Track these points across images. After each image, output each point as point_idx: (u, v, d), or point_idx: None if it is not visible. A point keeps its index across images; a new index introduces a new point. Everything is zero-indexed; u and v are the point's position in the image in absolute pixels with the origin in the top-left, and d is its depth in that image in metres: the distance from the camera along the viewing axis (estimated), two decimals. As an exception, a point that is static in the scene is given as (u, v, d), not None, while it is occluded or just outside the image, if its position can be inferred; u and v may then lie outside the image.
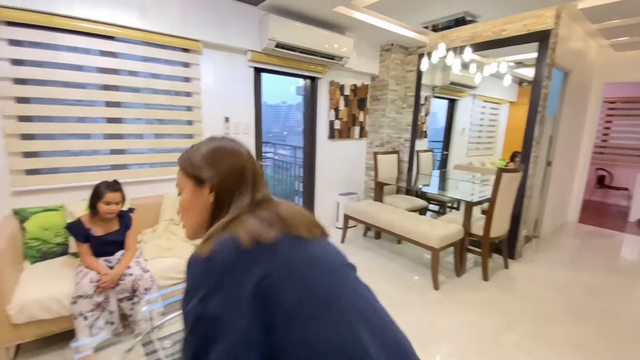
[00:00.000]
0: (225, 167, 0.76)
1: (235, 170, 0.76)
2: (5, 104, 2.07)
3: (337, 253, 0.75)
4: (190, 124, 2.88)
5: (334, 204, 4.18)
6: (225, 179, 0.75)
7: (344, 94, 3.96)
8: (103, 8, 2.23)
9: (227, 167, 0.76)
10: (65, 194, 2.32)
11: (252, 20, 2.94)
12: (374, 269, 3.07)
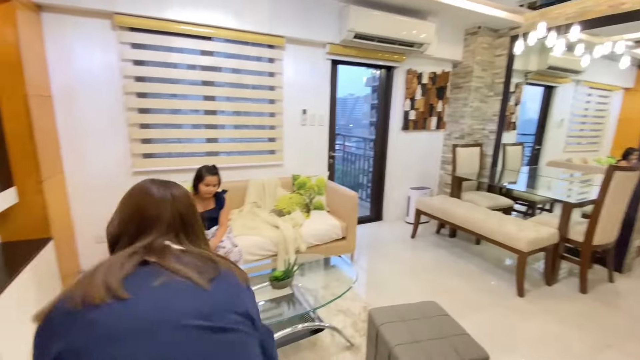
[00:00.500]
0: (124, 208, 0.70)
1: (129, 212, 0.69)
2: (129, 98, 2.51)
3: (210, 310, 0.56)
4: (273, 116, 3.10)
5: (404, 197, 4.08)
6: (120, 221, 0.69)
7: (421, 83, 3.80)
8: (204, 12, 2.53)
9: (125, 207, 0.70)
10: (172, 176, 2.73)
11: (332, 13, 3.01)
12: (446, 266, 2.94)
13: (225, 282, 0.63)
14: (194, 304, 0.55)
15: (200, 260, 0.65)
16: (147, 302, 0.53)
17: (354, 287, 2.18)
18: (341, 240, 2.76)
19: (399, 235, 3.66)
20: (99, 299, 0.50)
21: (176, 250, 0.66)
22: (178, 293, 0.56)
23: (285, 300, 1.86)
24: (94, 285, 0.52)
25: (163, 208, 0.70)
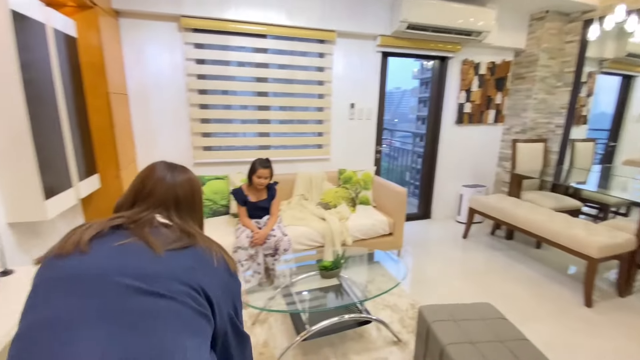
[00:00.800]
0: (132, 181, 0.79)
1: (133, 185, 0.78)
2: (191, 95, 2.71)
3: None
4: (321, 110, 3.14)
5: (455, 195, 3.89)
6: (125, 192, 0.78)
7: (478, 74, 3.57)
8: (260, 10, 2.63)
9: (133, 181, 0.79)
10: (228, 167, 2.90)
11: (384, 4, 2.94)
12: (502, 269, 2.76)
13: (191, 256, 0.65)
14: (136, 265, 0.59)
15: (175, 234, 0.69)
16: (99, 258, 0.59)
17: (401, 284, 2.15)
18: (388, 236, 2.73)
19: (449, 234, 3.51)
20: (66, 251, 0.60)
21: (157, 223, 0.70)
22: (128, 254, 0.61)
23: (332, 290, 1.90)
24: (69, 241, 0.62)
25: (160, 186, 0.76)
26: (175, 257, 0.63)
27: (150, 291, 0.56)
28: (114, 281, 0.56)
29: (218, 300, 0.64)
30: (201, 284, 0.62)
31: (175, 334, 0.55)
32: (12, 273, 1.39)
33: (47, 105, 1.60)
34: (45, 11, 1.61)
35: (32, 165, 1.46)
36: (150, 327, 0.53)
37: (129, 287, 0.55)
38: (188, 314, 0.57)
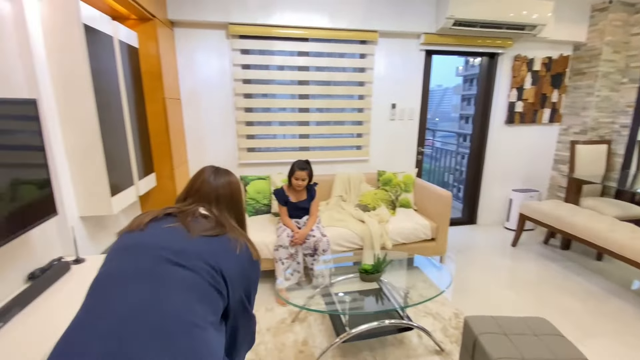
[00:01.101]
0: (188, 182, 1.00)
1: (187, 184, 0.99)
2: (238, 98, 2.83)
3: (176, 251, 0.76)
4: (361, 111, 3.12)
5: (504, 200, 3.66)
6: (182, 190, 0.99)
7: (532, 70, 3.33)
8: (303, 14, 2.68)
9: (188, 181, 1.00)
10: (270, 168, 2.99)
11: (428, 2, 2.86)
12: (556, 282, 2.54)
13: (218, 242, 0.81)
14: (172, 243, 0.77)
15: (211, 224, 0.85)
16: (151, 235, 0.80)
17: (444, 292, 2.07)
18: (430, 241, 2.64)
19: (496, 241, 3.32)
20: (131, 229, 0.82)
21: (199, 214, 0.87)
22: (170, 234, 0.79)
23: (372, 293, 1.88)
24: (135, 222, 0.84)
25: (205, 186, 0.95)
26: (205, 241, 0.80)
27: (175, 262, 0.73)
28: (155, 251, 0.75)
29: (233, 281, 0.78)
30: (220, 266, 0.76)
31: (186, 296, 0.70)
32: (83, 261, 1.56)
33: (113, 110, 1.76)
34: (112, 24, 1.78)
35: (101, 166, 1.62)
36: (170, 287, 0.70)
37: (162, 257, 0.74)
38: (203, 285, 0.73)
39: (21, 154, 1.22)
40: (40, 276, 1.33)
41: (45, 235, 1.48)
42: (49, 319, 1.14)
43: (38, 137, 1.30)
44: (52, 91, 1.50)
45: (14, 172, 1.18)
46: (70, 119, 1.55)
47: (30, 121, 1.26)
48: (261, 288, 2.43)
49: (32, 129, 1.27)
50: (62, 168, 1.56)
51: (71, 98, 1.52)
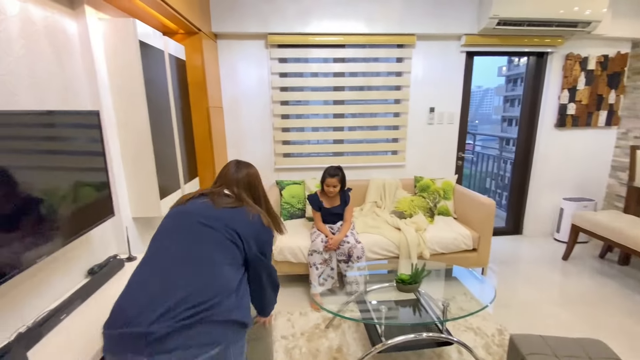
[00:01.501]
0: None
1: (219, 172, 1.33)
2: (275, 106, 2.90)
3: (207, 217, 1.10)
4: (397, 116, 3.07)
5: (554, 209, 3.39)
6: None
7: (585, 69, 3.08)
8: (339, 21, 2.70)
9: None
10: (305, 173, 3.04)
11: (469, 2, 2.76)
12: (614, 300, 2.30)
13: (236, 212, 1.14)
14: (204, 212, 1.10)
15: (231, 200, 1.18)
16: (190, 207, 1.14)
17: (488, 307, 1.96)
18: (471, 251, 2.51)
19: (544, 254, 3.08)
20: (177, 204, 1.18)
21: (223, 193, 1.20)
22: (203, 206, 1.13)
23: (409, 304, 1.83)
24: (179, 201, 1.20)
25: (229, 175, 1.27)
26: (227, 211, 1.13)
27: (205, 224, 1.07)
28: (192, 217, 1.09)
29: (248, 239, 1.10)
30: (236, 227, 1.09)
31: (210, 246, 1.03)
32: (135, 259, 1.67)
33: (164, 119, 1.89)
34: (163, 39, 1.91)
35: (152, 170, 1.74)
36: (201, 240, 1.04)
37: (196, 221, 1.08)
38: (222, 239, 1.06)
39: (86, 159, 1.35)
40: (98, 272, 1.45)
41: (103, 235, 1.62)
42: (105, 311, 1.24)
43: (100, 144, 1.43)
44: (111, 102, 1.65)
45: (80, 175, 1.31)
46: (126, 128, 1.68)
47: (93, 130, 1.39)
48: (295, 292, 2.46)
49: (95, 137, 1.40)
50: (118, 172, 1.69)
51: (128, 108, 1.66)
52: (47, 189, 1.14)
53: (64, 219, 1.22)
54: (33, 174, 1.08)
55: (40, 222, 1.10)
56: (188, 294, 0.91)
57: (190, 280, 0.94)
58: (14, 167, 1.00)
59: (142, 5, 1.72)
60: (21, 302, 1.15)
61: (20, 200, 1.03)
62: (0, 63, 1.09)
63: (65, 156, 1.23)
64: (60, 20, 1.38)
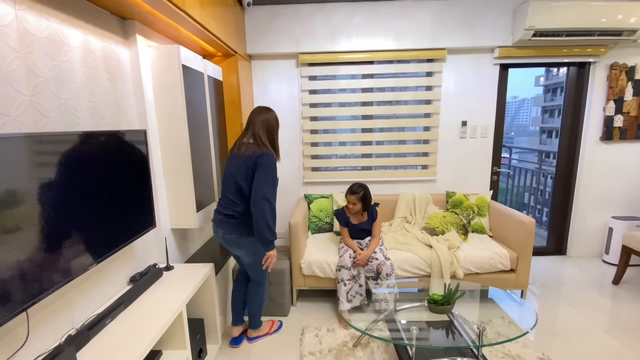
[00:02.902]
0: None
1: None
2: (305, 121, 2.98)
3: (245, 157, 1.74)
4: (428, 130, 3.03)
5: (602, 228, 3.14)
6: None
7: (633, 79, 2.88)
8: (368, 38, 2.75)
9: None
10: (333, 187, 3.06)
11: (502, 15, 2.70)
12: (683, 334, 2.06)
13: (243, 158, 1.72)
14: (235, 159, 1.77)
15: (249, 147, 1.74)
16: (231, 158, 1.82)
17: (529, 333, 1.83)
18: (509, 272, 2.37)
19: (592, 277, 2.84)
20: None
21: (246, 142, 1.77)
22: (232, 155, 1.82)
23: (442, 326, 1.75)
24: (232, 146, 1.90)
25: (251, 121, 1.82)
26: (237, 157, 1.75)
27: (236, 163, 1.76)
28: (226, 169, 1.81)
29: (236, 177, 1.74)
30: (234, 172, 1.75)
31: (239, 176, 1.74)
32: (172, 269, 1.76)
33: (202, 135, 2.01)
34: (203, 62, 2.05)
35: (190, 184, 1.84)
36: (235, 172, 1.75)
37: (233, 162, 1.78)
38: (231, 182, 1.76)
39: (134, 175, 1.46)
40: (140, 280, 1.54)
41: (144, 244, 1.72)
42: (147, 316, 1.31)
43: (146, 161, 1.54)
44: (156, 121, 1.78)
45: (128, 189, 1.42)
46: (168, 144, 1.80)
47: (140, 146, 1.51)
48: (322, 307, 2.44)
49: (142, 153, 1.52)
50: (160, 186, 1.81)
51: (170, 126, 1.78)
52: (99, 201, 1.24)
53: (112, 230, 1.32)
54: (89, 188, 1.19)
55: (91, 233, 1.20)
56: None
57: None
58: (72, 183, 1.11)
59: (186, 33, 1.87)
60: (71, 307, 1.24)
61: (77, 212, 1.13)
62: (64, 88, 1.22)
63: (118, 170, 1.35)
64: (115, 49, 1.53)
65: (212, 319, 1.88)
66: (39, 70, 1.11)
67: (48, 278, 1.00)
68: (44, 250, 0.98)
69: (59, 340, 1.13)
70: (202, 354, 1.76)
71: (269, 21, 2.72)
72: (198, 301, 1.86)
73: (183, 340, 1.48)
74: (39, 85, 1.11)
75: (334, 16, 2.72)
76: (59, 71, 1.20)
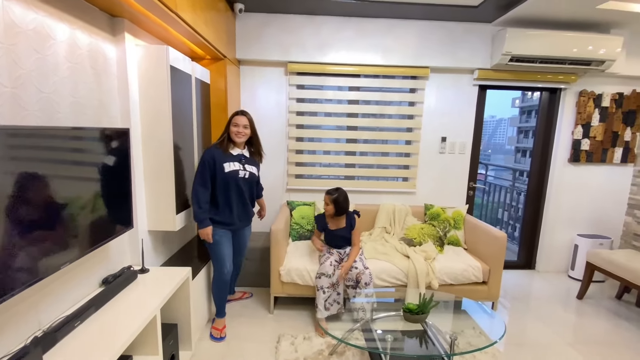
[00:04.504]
0: None
1: None
2: (290, 129, 3.01)
3: None
4: (409, 143, 3.12)
5: (568, 245, 3.32)
6: None
7: (600, 106, 3.10)
8: (356, 53, 2.83)
9: None
10: (316, 195, 3.08)
11: (482, 39, 2.86)
12: (632, 344, 2.20)
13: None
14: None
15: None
16: None
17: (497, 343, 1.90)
18: (481, 284, 2.46)
19: (558, 291, 2.98)
20: None
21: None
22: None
23: (416, 335, 1.79)
24: None
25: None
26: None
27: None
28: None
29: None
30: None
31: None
32: (147, 271, 1.72)
33: (186, 137, 1.99)
34: (191, 65, 2.05)
35: (171, 186, 1.82)
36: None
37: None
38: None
39: (113, 174, 1.43)
40: (113, 282, 1.50)
41: (120, 245, 1.68)
42: (118, 320, 1.28)
43: (127, 160, 1.52)
44: (139, 120, 1.76)
45: (107, 188, 1.39)
46: (150, 144, 1.78)
47: (122, 146, 1.49)
48: (299, 315, 2.43)
49: (123, 153, 1.49)
50: (140, 186, 1.78)
51: (154, 127, 1.77)
52: (74, 199, 1.21)
53: (87, 230, 1.28)
54: (63, 186, 1.16)
55: (64, 232, 1.17)
56: None
57: None
58: (46, 178, 1.09)
59: (176, 34, 1.87)
60: (39, 308, 1.20)
61: (47, 209, 1.10)
62: (47, 82, 1.20)
63: (95, 169, 1.32)
64: (102, 46, 1.51)
65: (187, 324, 1.84)
66: (22, 62, 1.09)
67: (13, 278, 0.96)
68: (10, 247, 0.95)
69: (24, 342, 1.08)
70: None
71: (260, 29, 2.75)
72: (173, 306, 1.82)
73: (155, 346, 1.44)
74: (21, 77, 1.09)
75: (324, 29, 2.79)
76: (43, 64, 1.18)
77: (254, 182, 2.18)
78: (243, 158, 2.10)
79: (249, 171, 2.11)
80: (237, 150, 2.09)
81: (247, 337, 2.17)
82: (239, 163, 2.06)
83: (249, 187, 2.16)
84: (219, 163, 1.98)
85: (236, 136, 2.03)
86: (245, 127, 2.05)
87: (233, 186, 2.04)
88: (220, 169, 1.98)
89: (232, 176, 2.01)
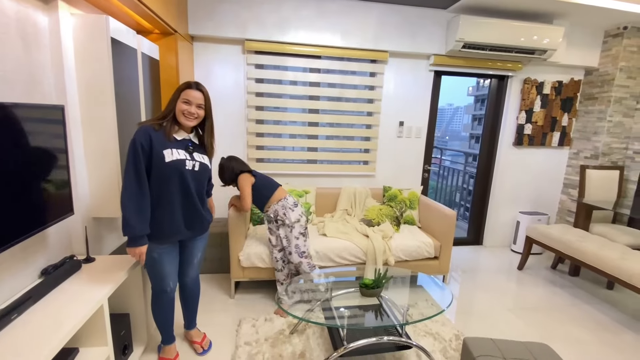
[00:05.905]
0: None
1: None
2: (250, 110, 2.92)
3: None
4: (369, 127, 3.18)
5: (511, 222, 3.62)
6: None
7: (541, 93, 3.35)
8: (316, 33, 2.79)
9: None
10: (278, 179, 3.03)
11: (438, 25, 2.94)
12: (563, 309, 2.48)
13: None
14: None
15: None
16: None
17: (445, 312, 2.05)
18: (433, 259, 2.62)
19: (502, 264, 3.27)
20: None
21: None
22: None
23: (372, 309, 1.88)
24: None
25: None
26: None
27: None
28: None
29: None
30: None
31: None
32: (93, 260, 1.62)
33: (132, 116, 1.86)
34: (136, 38, 1.89)
35: (117, 169, 1.70)
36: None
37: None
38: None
39: (46, 155, 1.30)
40: (53, 272, 1.39)
41: (60, 233, 1.55)
42: (59, 312, 1.19)
43: (62, 140, 1.39)
44: (77, 98, 1.61)
45: (39, 171, 1.26)
46: (91, 124, 1.64)
47: (56, 124, 1.35)
48: (259, 298, 2.45)
49: (57, 132, 1.36)
50: (81, 170, 1.64)
51: (94, 105, 1.62)
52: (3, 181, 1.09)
53: (20, 216, 1.17)
54: (-15, 167, 1.04)
55: (-10, 217, 1.06)
56: None
57: None
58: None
59: (117, 4, 1.71)
60: (-38, 302, 1.08)
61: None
62: (-44, 50, 1.05)
63: (26, 150, 1.19)
64: (33, 14, 1.35)
65: (141, 313, 1.77)
66: None
67: None
68: None
69: (-58, 341, 0.98)
70: (127, 350, 1.65)
71: (215, 3, 2.60)
72: (124, 295, 1.73)
73: (104, 337, 1.38)
74: None
75: (284, 6, 2.70)
76: (-51, 28, 1.02)
77: (205, 176, 1.62)
78: (191, 144, 1.55)
79: (199, 161, 1.55)
80: (182, 134, 1.52)
81: (208, 323, 2.14)
82: (184, 151, 1.51)
83: (199, 183, 1.58)
84: (157, 149, 1.42)
85: (186, 117, 1.47)
86: (199, 107, 1.50)
87: (176, 182, 1.48)
88: (158, 157, 1.43)
89: (175, 168, 1.46)
